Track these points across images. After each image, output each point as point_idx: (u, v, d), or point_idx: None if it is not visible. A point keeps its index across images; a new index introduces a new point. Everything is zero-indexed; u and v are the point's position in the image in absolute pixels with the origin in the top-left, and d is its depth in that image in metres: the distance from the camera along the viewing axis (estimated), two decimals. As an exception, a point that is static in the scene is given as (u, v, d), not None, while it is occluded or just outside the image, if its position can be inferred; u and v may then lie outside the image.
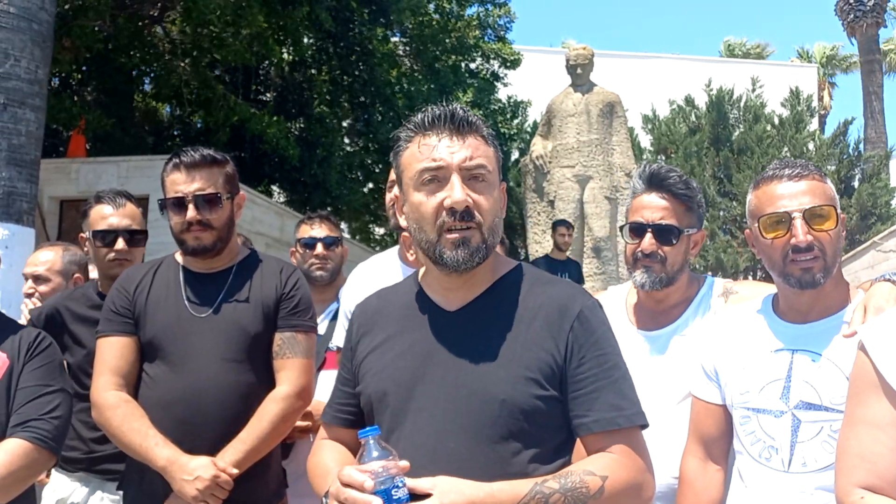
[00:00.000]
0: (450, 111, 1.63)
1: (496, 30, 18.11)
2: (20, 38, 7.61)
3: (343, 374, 1.82)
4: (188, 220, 2.44)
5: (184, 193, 2.45)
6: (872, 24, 25.03)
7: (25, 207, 7.80)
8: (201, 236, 2.46)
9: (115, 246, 2.89)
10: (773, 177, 1.99)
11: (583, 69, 9.21)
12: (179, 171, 2.46)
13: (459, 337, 1.64)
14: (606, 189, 8.92)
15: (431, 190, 1.61)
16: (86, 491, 2.83)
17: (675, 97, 19.07)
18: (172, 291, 2.50)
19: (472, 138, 1.63)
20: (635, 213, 2.41)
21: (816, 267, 1.93)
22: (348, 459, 1.71)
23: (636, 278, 2.39)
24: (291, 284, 2.53)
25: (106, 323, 2.51)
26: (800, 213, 1.92)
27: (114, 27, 12.23)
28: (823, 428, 1.91)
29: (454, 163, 1.60)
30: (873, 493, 1.49)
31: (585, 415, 1.59)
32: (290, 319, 2.50)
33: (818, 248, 1.92)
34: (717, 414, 2.12)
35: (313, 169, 14.18)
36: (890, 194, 16.97)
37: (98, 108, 13.39)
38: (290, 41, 13.90)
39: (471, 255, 1.60)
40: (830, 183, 2.03)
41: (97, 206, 2.96)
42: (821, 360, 1.95)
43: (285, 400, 2.41)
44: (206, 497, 2.26)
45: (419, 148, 1.63)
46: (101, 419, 2.42)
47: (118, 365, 2.44)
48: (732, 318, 2.18)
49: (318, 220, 3.74)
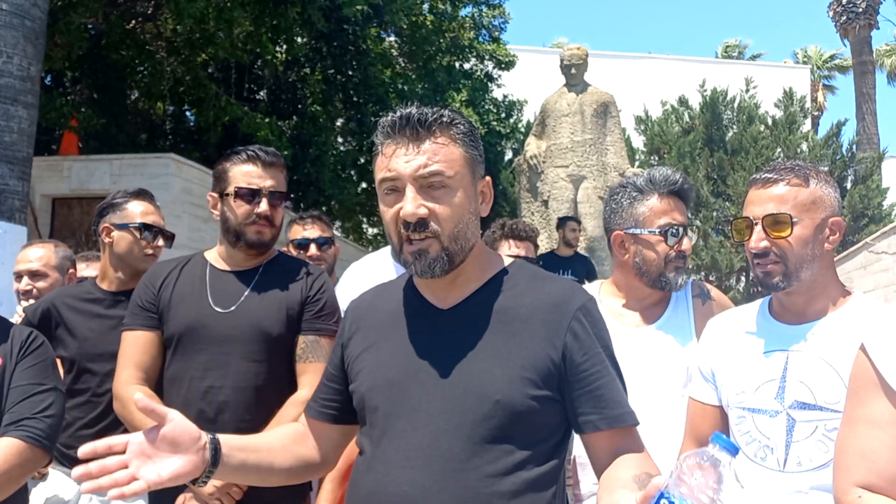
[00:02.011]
0: (406, 115, 1.58)
1: (490, 31, 18.13)
2: (12, 35, 7.57)
3: (330, 370, 1.81)
4: (259, 213, 2.47)
5: (259, 186, 2.49)
6: (865, 26, 25.13)
7: (17, 205, 7.76)
8: (264, 231, 2.50)
9: (157, 242, 2.97)
10: (754, 181, 2.06)
11: (577, 69, 9.22)
12: (255, 164, 2.51)
13: (454, 335, 1.62)
14: (600, 189, 8.93)
15: (391, 201, 1.60)
16: (76, 489, 2.81)
17: (668, 98, 19.10)
18: (197, 288, 2.50)
19: (431, 142, 1.58)
20: (663, 215, 2.47)
21: (776, 271, 1.99)
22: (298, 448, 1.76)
23: (672, 280, 2.46)
24: (317, 287, 2.53)
25: (131, 317, 2.52)
26: (759, 220, 2.00)
27: (106, 24, 12.19)
28: (818, 427, 1.92)
29: (406, 173, 1.56)
30: (872, 492, 1.49)
31: (591, 412, 1.57)
32: (315, 323, 2.50)
33: (775, 254, 1.99)
34: (713, 415, 2.13)
35: (306, 167, 14.16)
36: (882, 195, 17.04)
37: (90, 106, 13.34)
38: (283, 40, 13.88)
39: (429, 266, 1.59)
40: (821, 185, 2.02)
41: (133, 201, 3.01)
42: (816, 360, 1.97)
43: (305, 404, 2.40)
44: (222, 495, 2.26)
45: (381, 156, 1.61)
46: (124, 412, 2.42)
47: (141, 359, 2.46)
48: (729, 320, 2.19)
49: (310, 221, 3.73)
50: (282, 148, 12.84)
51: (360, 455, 1.67)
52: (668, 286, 2.47)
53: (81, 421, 2.75)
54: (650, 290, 2.49)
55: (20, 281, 3.49)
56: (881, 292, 11.67)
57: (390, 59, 16.50)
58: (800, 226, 1.98)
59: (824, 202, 2.01)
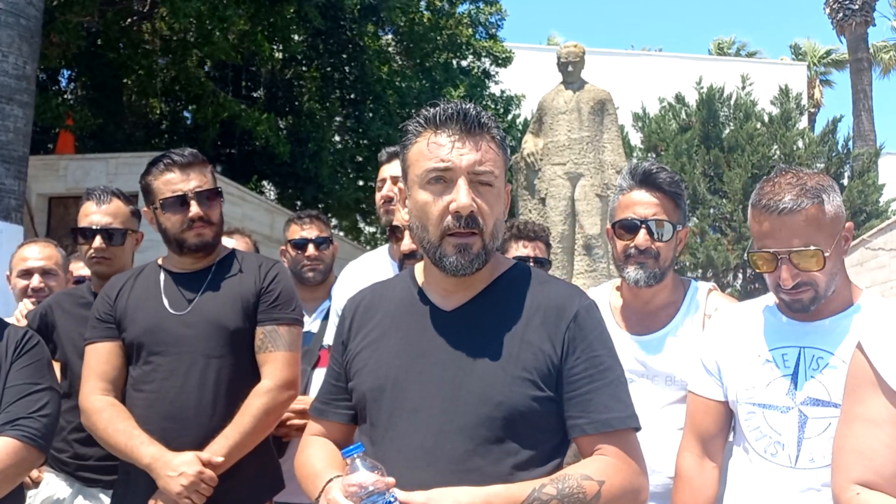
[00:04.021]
0: (462, 110, 1.60)
1: (487, 27, 18.12)
2: (7, 34, 7.56)
3: (334, 368, 1.80)
4: (192, 217, 2.45)
5: (184, 191, 2.46)
6: (861, 23, 25.16)
7: (13, 204, 7.75)
8: (203, 232, 2.48)
9: (93, 244, 2.87)
10: (767, 207, 1.93)
11: (574, 67, 9.21)
12: (173, 170, 2.47)
13: (456, 336, 1.62)
14: (597, 186, 8.92)
15: (437, 191, 1.58)
16: (70, 491, 2.81)
17: (665, 95, 19.10)
18: (152, 293, 2.51)
19: (483, 141, 1.60)
20: (625, 209, 2.40)
21: (806, 297, 1.95)
22: (335, 458, 1.69)
23: (629, 275, 2.37)
24: (271, 278, 2.53)
25: (91, 330, 2.53)
26: (786, 255, 1.91)
27: (102, 23, 12.17)
28: (831, 424, 1.89)
29: (462, 166, 1.57)
30: (869, 490, 1.49)
31: (580, 416, 1.58)
32: (271, 313, 2.49)
33: (806, 284, 1.93)
34: (715, 410, 2.11)
35: (305, 164, 14.15)
36: (879, 192, 17.05)
37: (86, 105, 13.31)
38: (280, 38, 13.86)
39: (471, 262, 1.59)
40: (832, 199, 1.94)
41: (84, 203, 2.95)
42: (832, 357, 1.95)
43: (268, 393, 2.41)
44: (191, 493, 2.25)
45: (428, 145, 1.60)
46: (89, 423, 2.44)
47: (104, 370, 2.46)
48: (736, 315, 2.16)
49: (307, 220, 3.71)
50: (280, 144, 12.83)
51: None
52: (629, 283, 2.40)
53: (72, 425, 2.75)
54: (650, 291, 2.41)
55: (28, 279, 3.43)
56: (878, 289, 11.68)
57: (387, 56, 16.49)
58: (828, 254, 1.91)
59: (839, 216, 1.95)
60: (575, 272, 8.64)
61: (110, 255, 2.89)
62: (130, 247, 2.98)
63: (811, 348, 1.98)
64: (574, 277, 8.51)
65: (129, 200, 3.03)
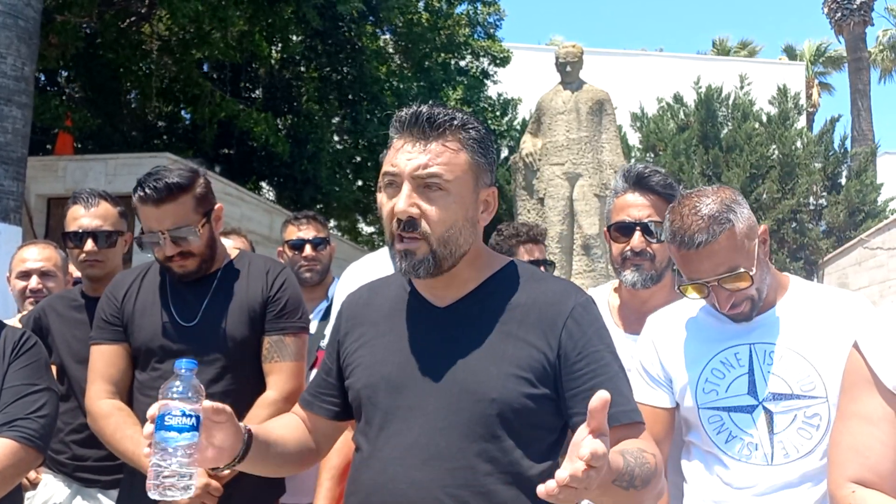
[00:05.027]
0: (417, 113, 1.58)
1: (486, 27, 18.12)
2: (6, 35, 7.56)
3: (327, 363, 1.80)
4: (167, 256, 2.41)
5: (155, 230, 2.40)
6: (860, 23, 25.18)
7: (12, 205, 7.75)
8: (185, 264, 2.43)
9: (84, 247, 2.85)
10: (682, 244, 1.95)
11: (572, 67, 9.21)
12: (147, 204, 2.38)
13: (450, 334, 1.62)
14: (596, 186, 8.93)
15: (389, 194, 1.59)
16: (68, 492, 2.81)
17: (664, 95, 19.10)
18: (159, 298, 2.49)
19: (437, 143, 1.57)
20: (620, 212, 2.41)
21: (745, 309, 1.98)
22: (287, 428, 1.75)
23: (626, 277, 2.38)
24: (278, 286, 2.49)
25: (97, 331, 2.51)
26: (715, 282, 1.94)
27: (101, 24, 12.17)
28: (797, 416, 1.92)
29: (406, 171, 1.56)
30: (864, 487, 1.50)
31: (584, 412, 1.56)
32: (278, 322, 2.47)
33: (742, 300, 1.96)
34: (663, 418, 2.08)
35: (303, 164, 14.15)
36: (877, 191, 17.07)
37: (85, 106, 13.32)
38: (278, 39, 13.87)
39: (413, 267, 1.58)
40: (739, 215, 1.95)
41: (71, 207, 2.93)
42: (782, 349, 1.97)
43: (273, 405, 2.39)
44: (204, 496, 2.25)
45: (391, 149, 1.62)
46: (96, 427, 2.43)
47: (110, 373, 2.45)
48: (675, 319, 2.15)
49: (305, 221, 3.71)
50: (278, 145, 12.83)
51: (357, 452, 1.67)
52: (627, 286, 2.41)
53: (70, 426, 2.75)
54: (648, 292, 2.41)
55: (27, 280, 3.43)
56: (876, 288, 11.69)
57: (386, 56, 16.49)
58: (752, 267, 1.94)
59: (751, 227, 1.97)
60: (574, 272, 8.65)
61: (102, 258, 2.87)
62: (121, 248, 2.96)
63: (760, 343, 2.00)
64: (573, 278, 8.51)
65: (117, 202, 3.00)
